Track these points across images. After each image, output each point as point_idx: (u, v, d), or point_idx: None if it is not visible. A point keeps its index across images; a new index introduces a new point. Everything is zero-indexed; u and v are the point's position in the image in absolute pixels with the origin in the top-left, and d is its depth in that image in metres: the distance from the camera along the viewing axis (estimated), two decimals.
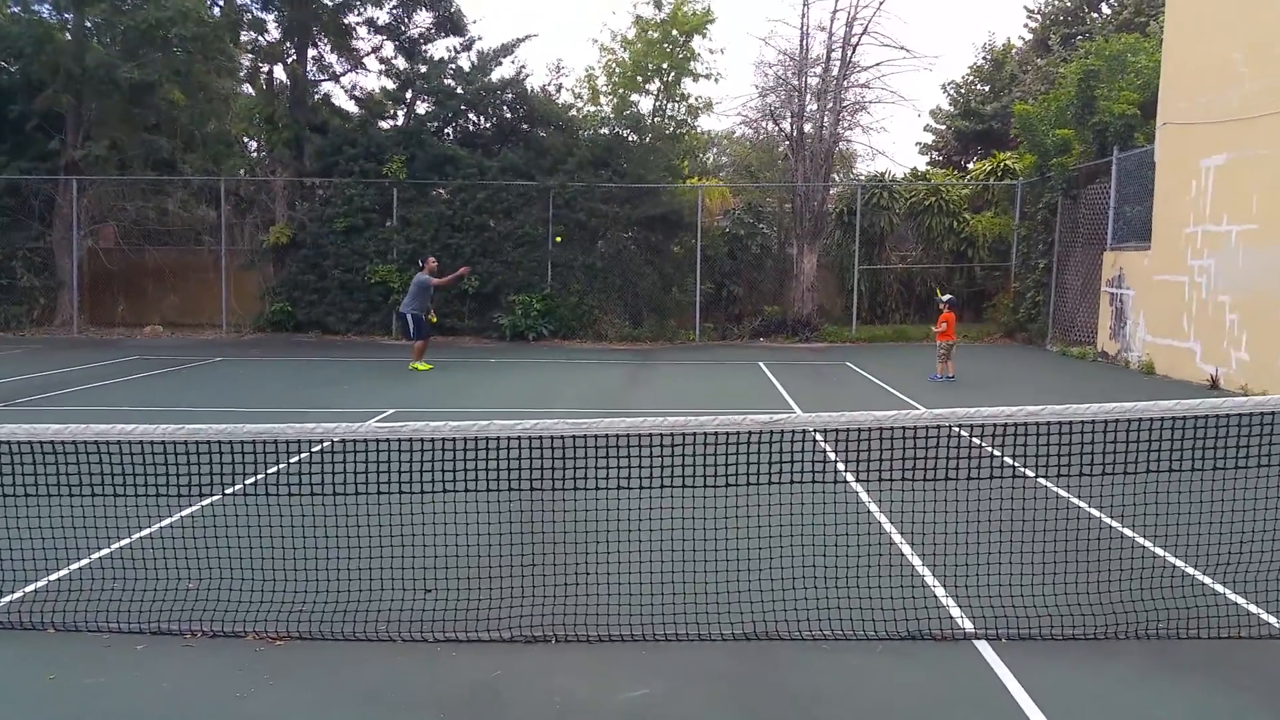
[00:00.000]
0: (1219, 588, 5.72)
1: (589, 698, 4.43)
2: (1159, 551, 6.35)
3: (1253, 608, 5.43)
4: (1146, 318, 17.14)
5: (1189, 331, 15.70)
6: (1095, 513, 7.19)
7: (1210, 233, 15.19)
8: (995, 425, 5.01)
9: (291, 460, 5.70)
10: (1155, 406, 4.94)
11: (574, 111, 25.15)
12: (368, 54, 25.28)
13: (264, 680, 4.63)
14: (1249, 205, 14.17)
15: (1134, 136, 18.43)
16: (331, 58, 24.95)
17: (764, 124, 27.03)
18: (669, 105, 25.20)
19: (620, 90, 24.73)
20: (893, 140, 70.17)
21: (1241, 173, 14.40)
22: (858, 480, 7.50)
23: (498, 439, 4.92)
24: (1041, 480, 7.11)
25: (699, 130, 28.20)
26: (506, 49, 24.72)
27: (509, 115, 24.58)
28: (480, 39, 25.89)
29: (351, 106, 25.49)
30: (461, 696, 4.47)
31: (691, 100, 25.55)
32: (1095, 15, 33.87)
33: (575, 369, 17.46)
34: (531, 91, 24.55)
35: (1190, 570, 6.00)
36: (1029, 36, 36.30)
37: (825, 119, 24.11)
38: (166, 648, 4.98)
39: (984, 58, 36.64)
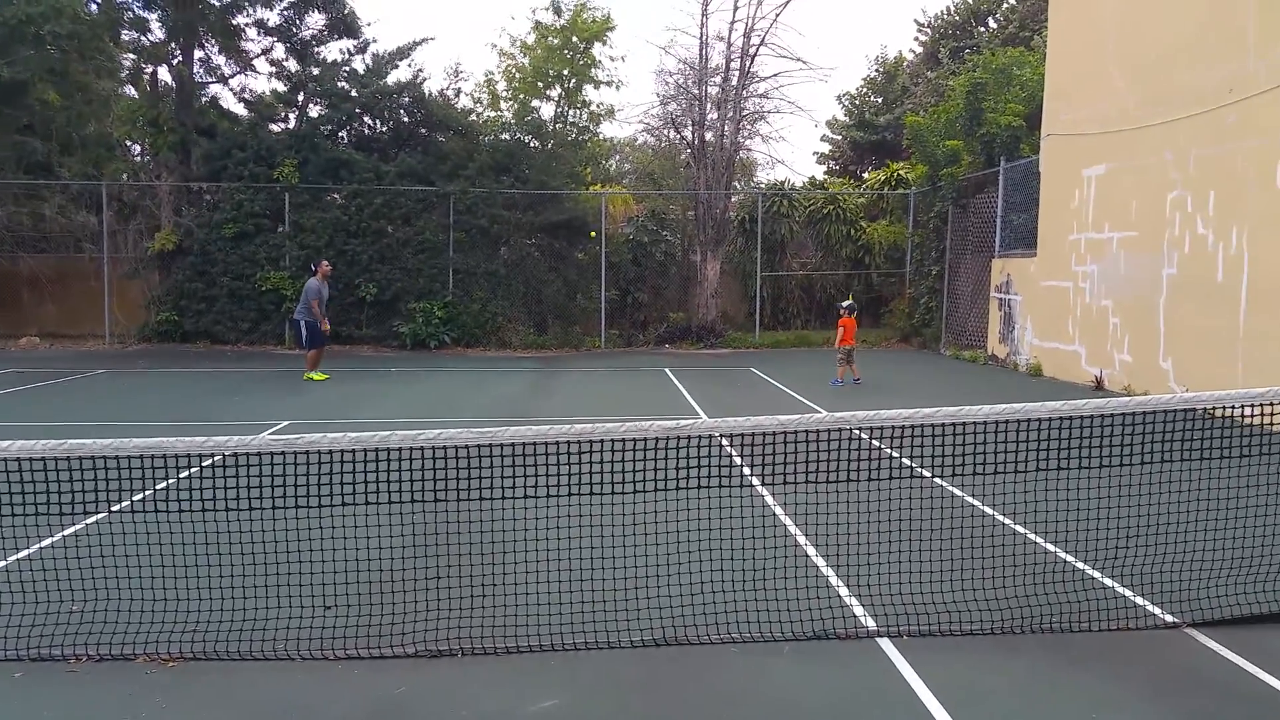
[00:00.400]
0: (1109, 581, 5.93)
1: (497, 711, 4.36)
2: (1050, 548, 6.57)
3: (1139, 600, 5.64)
4: (1034, 322, 17.77)
5: (1074, 335, 16.32)
6: (990, 511, 7.39)
7: (1093, 240, 15.83)
8: (893, 427, 5.11)
9: (182, 475, 5.48)
10: (1043, 407, 5.09)
11: (474, 116, 24.92)
12: (257, 56, 24.62)
13: (156, 704, 4.44)
14: (1128, 213, 14.81)
15: (1020, 147, 19.11)
16: (219, 59, 24.19)
17: (666, 132, 27.25)
18: (571, 111, 25.18)
19: (521, 96, 24.62)
20: (791, 150, 71.43)
21: (1121, 182, 15.05)
22: (763, 484, 7.57)
23: (399, 449, 4.81)
24: (938, 480, 7.29)
25: (601, 137, 28.25)
26: (402, 52, 24.39)
27: (406, 119, 24.21)
28: (375, 41, 25.52)
29: (241, 109, 24.78)
30: (364, 715, 4.35)
31: (593, 107, 25.60)
32: (982, 29, 35.10)
33: (479, 377, 17.27)
34: (429, 95, 24.23)
35: (1081, 565, 6.22)
36: (919, 50, 37.41)
37: (726, 127, 24.41)
38: (48, 675, 4.74)
39: (877, 70, 37.63)
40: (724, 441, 7.86)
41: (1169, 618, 5.39)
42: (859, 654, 4.97)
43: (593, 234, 22.83)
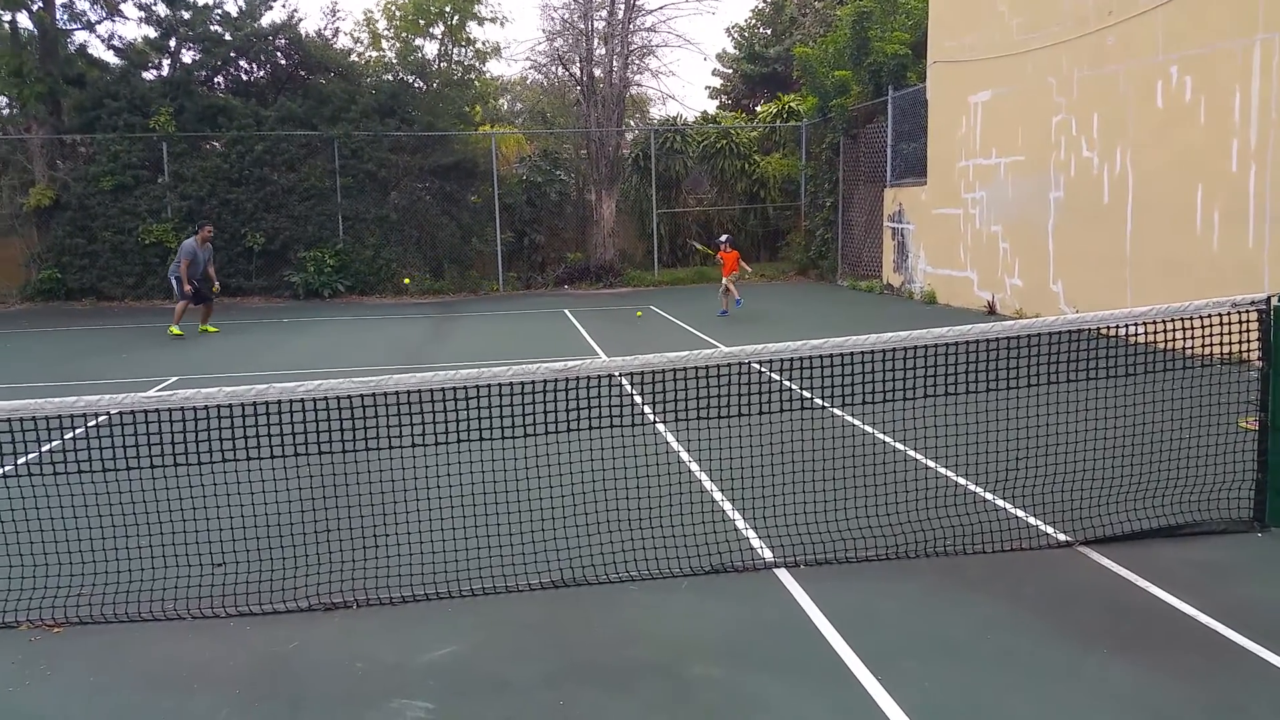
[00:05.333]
0: (1000, 503, 6.08)
1: (392, 660, 4.29)
2: (944, 471, 6.72)
3: (1032, 520, 5.79)
4: (926, 250, 18.10)
5: (966, 261, 16.68)
6: (884, 438, 7.53)
7: (981, 166, 16.12)
8: (784, 359, 5.11)
9: (66, 436, 5.21)
10: (928, 334, 5.14)
11: (354, 57, 24.15)
12: (124, 1, 23.33)
13: (40, 671, 4.28)
14: (1015, 138, 15.08)
15: (907, 76, 19.23)
16: (84, 5, 22.89)
17: (554, 69, 26.70)
18: (455, 50, 24.52)
19: (403, 34, 23.87)
20: (683, 85, 70.99)
21: (1006, 107, 15.30)
22: (661, 421, 7.57)
23: (278, 403, 4.64)
24: (834, 410, 7.37)
25: (489, 75, 27.64)
26: None
27: (283, 62, 23.35)
28: None
29: (111, 57, 23.51)
30: (258, 670, 4.24)
31: (479, 45, 24.97)
32: None
33: (374, 325, 16.90)
34: (306, 36, 23.41)
35: (974, 488, 6.36)
36: None
37: (614, 63, 24.05)
38: None
39: (764, 1, 37.40)
40: (624, 381, 7.83)
41: (1061, 536, 5.52)
42: (757, 585, 5.02)
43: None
